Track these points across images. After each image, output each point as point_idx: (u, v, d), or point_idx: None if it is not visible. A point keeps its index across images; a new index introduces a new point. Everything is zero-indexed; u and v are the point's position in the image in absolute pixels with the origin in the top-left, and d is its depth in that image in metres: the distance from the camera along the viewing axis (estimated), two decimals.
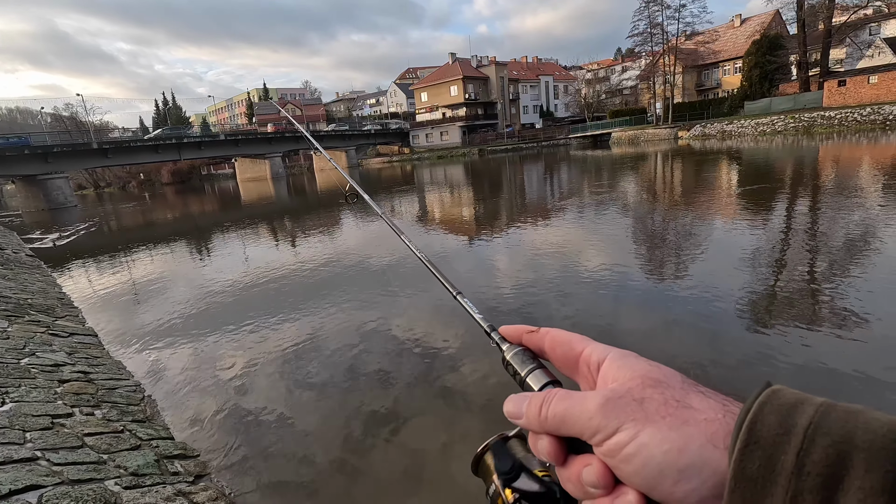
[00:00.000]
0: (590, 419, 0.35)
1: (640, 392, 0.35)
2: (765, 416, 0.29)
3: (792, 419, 0.28)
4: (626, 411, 0.34)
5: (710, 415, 0.32)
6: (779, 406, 0.29)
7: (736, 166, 18.97)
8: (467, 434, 3.33)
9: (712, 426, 0.31)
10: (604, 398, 0.35)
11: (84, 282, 9.32)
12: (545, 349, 0.46)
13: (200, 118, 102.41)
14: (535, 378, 0.44)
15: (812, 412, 0.28)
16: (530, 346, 0.47)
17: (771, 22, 50.96)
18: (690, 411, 0.33)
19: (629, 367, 0.38)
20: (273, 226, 16.13)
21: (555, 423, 0.38)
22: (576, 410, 0.36)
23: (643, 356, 0.38)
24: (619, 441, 0.33)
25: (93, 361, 4.79)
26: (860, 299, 4.74)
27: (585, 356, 0.42)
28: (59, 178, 36.23)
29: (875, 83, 34.32)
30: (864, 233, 7.21)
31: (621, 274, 6.43)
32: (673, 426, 0.32)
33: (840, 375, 3.54)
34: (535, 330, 0.48)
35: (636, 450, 0.32)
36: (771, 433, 0.28)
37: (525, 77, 70.99)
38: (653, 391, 0.35)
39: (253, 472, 3.10)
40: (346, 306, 6.21)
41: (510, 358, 0.47)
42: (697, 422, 0.32)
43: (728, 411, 0.32)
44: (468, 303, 0.61)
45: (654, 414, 0.33)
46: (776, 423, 0.28)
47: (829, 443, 0.26)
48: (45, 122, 71.40)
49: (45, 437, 2.93)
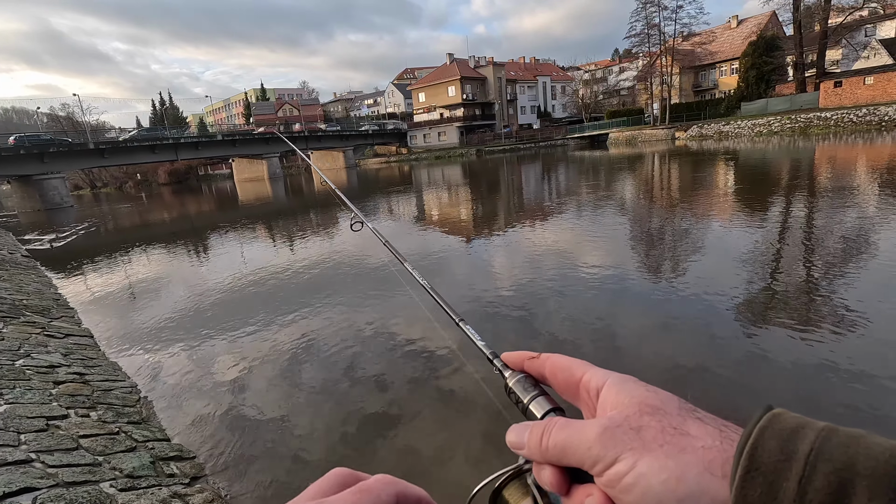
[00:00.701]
0: (589, 449, 0.35)
1: (637, 420, 0.35)
2: (765, 441, 0.28)
3: (793, 445, 0.28)
4: (624, 440, 0.34)
5: (707, 442, 0.32)
6: (780, 431, 0.29)
7: (733, 167, 19.02)
8: (465, 436, 3.33)
9: (710, 454, 0.31)
10: (602, 427, 0.35)
11: (80, 283, 9.28)
12: (546, 375, 0.46)
13: (198, 118, 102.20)
14: (537, 405, 0.44)
15: (813, 437, 0.27)
16: (532, 372, 0.47)
17: (767, 23, 51.16)
18: (688, 438, 0.33)
19: (627, 393, 0.37)
20: (270, 226, 16.10)
21: (556, 454, 0.38)
22: (575, 440, 0.36)
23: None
24: (618, 471, 0.33)
25: (88, 363, 4.76)
26: (857, 299, 4.76)
27: (585, 382, 0.42)
28: (55, 178, 36.08)
29: (871, 84, 34.48)
30: (860, 233, 7.24)
31: (618, 274, 6.44)
32: (670, 454, 0.32)
33: (837, 376, 3.55)
34: (536, 356, 0.48)
35: (635, 480, 0.32)
36: (772, 459, 0.28)
37: (523, 77, 71.09)
38: (650, 419, 0.34)
39: (249, 474, 3.09)
40: (343, 308, 6.20)
41: (512, 385, 0.47)
42: (695, 449, 0.32)
43: (725, 437, 0.32)
44: (471, 329, 0.61)
45: (651, 442, 0.33)
46: (777, 448, 0.28)
47: (831, 469, 0.25)
48: (41, 121, 71.08)
49: (39, 438, 2.92)
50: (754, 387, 3.57)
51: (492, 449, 3.12)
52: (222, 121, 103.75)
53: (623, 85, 66.54)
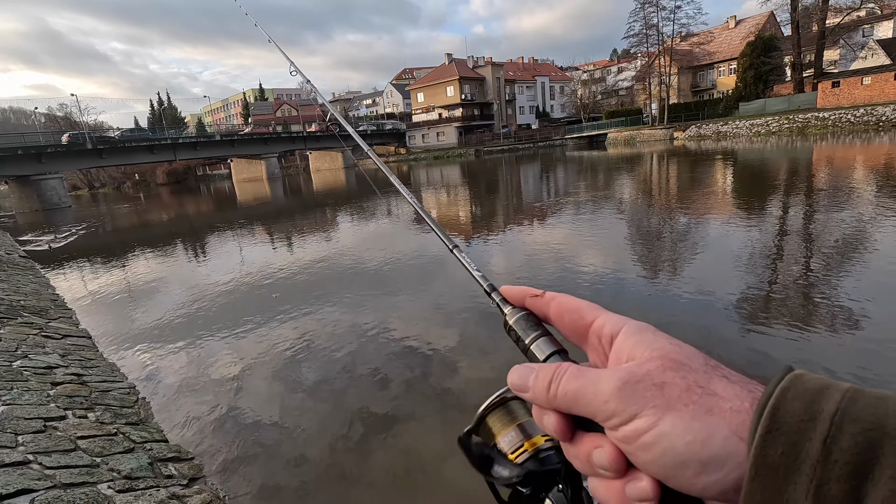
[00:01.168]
0: (605, 402, 0.33)
1: (660, 375, 0.33)
2: (788, 401, 0.27)
3: (818, 405, 0.26)
4: (646, 396, 0.32)
5: (735, 403, 0.30)
6: (803, 391, 0.28)
7: (731, 167, 19.05)
8: None
9: (738, 416, 0.30)
10: (621, 381, 0.33)
11: (78, 283, 9.26)
12: (550, 315, 0.43)
13: (196, 118, 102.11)
14: (539, 346, 0.41)
15: (839, 398, 0.26)
16: (534, 310, 0.44)
17: (765, 23, 51.22)
18: (715, 399, 0.31)
19: (647, 345, 0.35)
20: (269, 227, 16.08)
21: (565, 402, 0.35)
22: (589, 391, 0.34)
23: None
24: (637, 428, 0.31)
25: (86, 364, 4.76)
26: (856, 298, 4.77)
27: (597, 327, 0.39)
28: (53, 178, 36.01)
29: (868, 84, 34.56)
30: (858, 232, 7.25)
31: (617, 274, 6.45)
32: (696, 415, 0.30)
33: (837, 374, 3.55)
34: (539, 293, 0.44)
35: (656, 438, 0.31)
36: (795, 419, 0.27)
37: (521, 78, 71.11)
38: (674, 375, 0.32)
39: (248, 475, 3.08)
40: (342, 307, 6.20)
41: (513, 323, 0.44)
42: (723, 411, 0.30)
43: (755, 399, 0.30)
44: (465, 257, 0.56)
45: (676, 401, 0.31)
46: (801, 408, 0.27)
47: (859, 430, 0.24)
48: (39, 122, 70.98)
49: (37, 440, 2.91)
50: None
51: None
52: (221, 121, 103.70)
53: (621, 85, 66.60)
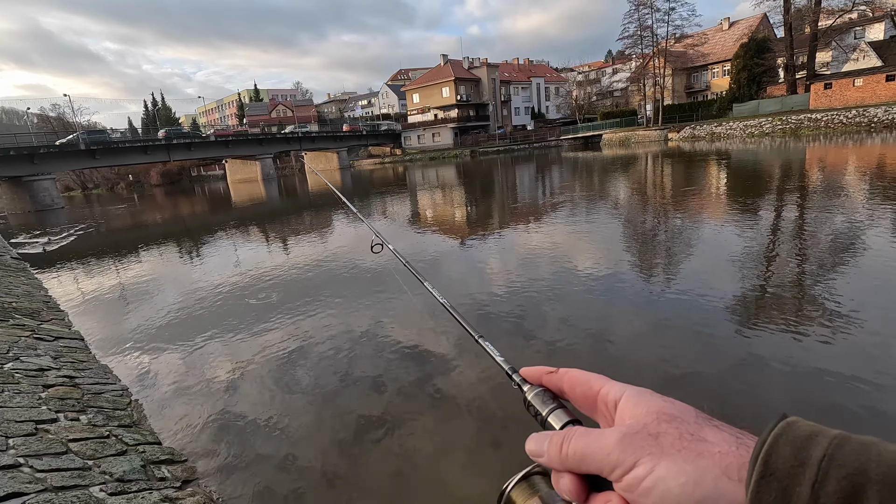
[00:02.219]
0: (608, 455, 0.36)
1: (655, 427, 0.36)
2: (780, 447, 0.29)
3: (806, 451, 0.28)
4: (643, 446, 0.35)
5: (724, 447, 0.33)
6: (794, 438, 0.29)
7: (725, 168, 19.16)
8: (458, 439, 3.33)
9: (727, 458, 0.32)
10: (621, 434, 0.36)
11: (71, 285, 9.19)
12: (564, 389, 0.47)
13: (190, 119, 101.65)
14: (555, 417, 0.45)
15: (826, 444, 0.28)
16: (550, 386, 0.49)
17: (758, 25, 51.59)
18: (705, 444, 0.33)
19: (645, 404, 0.38)
20: (264, 228, 16.03)
21: (575, 461, 0.39)
22: (595, 447, 0.37)
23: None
24: (637, 475, 0.34)
25: (79, 366, 4.72)
26: (850, 298, 4.80)
27: (603, 395, 0.43)
28: (45, 179, 35.71)
29: (860, 86, 34.87)
30: (851, 233, 7.31)
31: (613, 275, 6.47)
32: (688, 459, 0.33)
33: (830, 375, 3.58)
34: (553, 371, 0.49)
35: (653, 483, 0.33)
36: (786, 465, 0.28)
37: (516, 79, 71.23)
38: (668, 426, 0.35)
39: (241, 478, 3.07)
40: (336, 310, 6.19)
41: (531, 398, 0.48)
42: (712, 454, 0.32)
43: (741, 444, 0.33)
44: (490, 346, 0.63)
45: (669, 448, 0.34)
46: (791, 454, 0.29)
47: (844, 475, 0.26)
48: (31, 122, 70.40)
49: (28, 443, 2.88)
50: (750, 383, 3.60)
51: (489, 449, 3.12)
52: (215, 122, 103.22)
53: (616, 86, 66.86)
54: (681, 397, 0.36)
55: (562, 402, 0.47)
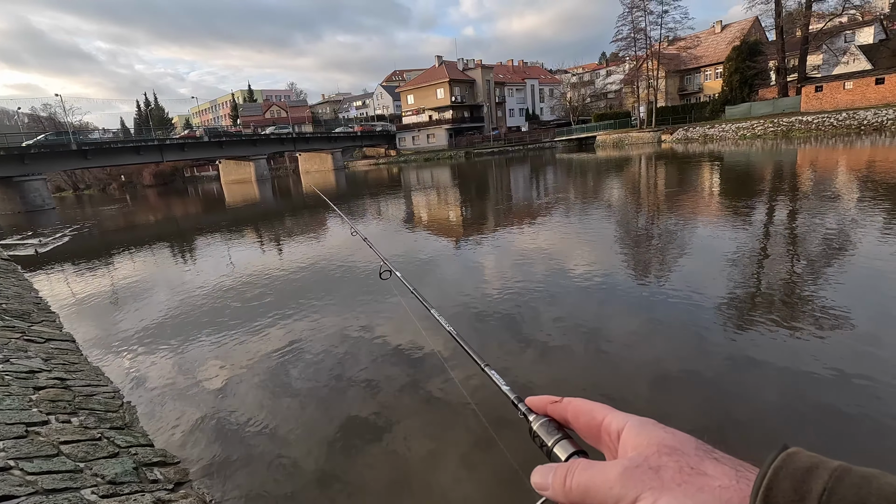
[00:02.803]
0: (610, 489, 0.36)
1: (656, 460, 0.36)
2: (780, 481, 0.29)
3: (807, 485, 0.28)
4: (644, 480, 0.35)
5: (723, 481, 0.33)
6: (794, 471, 0.29)
7: (718, 170, 19.31)
8: (453, 443, 3.33)
9: (726, 493, 0.32)
10: (622, 468, 0.37)
11: (62, 287, 9.11)
12: (569, 419, 0.47)
13: (184, 119, 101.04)
14: (561, 448, 0.46)
15: (826, 477, 0.28)
16: (555, 416, 0.49)
17: (750, 28, 52.08)
18: (705, 478, 0.33)
19: (646, 435, 0.39)
20: (257, 229, 15.96)
21: (578, 494, 0.39)
22: (597, 481, 0.38)
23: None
24: None
25: (70, 368, 4.68)
26: (840, 298, 4.86)
27: (606, 425, 0.43)
28: (36, 179, 35.39)
29: (850, 89, 35.27)
30: (841, 233, 7.39)
31: (606, 276, 6.50)
32: (688, 494, 0.33)
33: (820, 374, 3.62)
34: (558, 400, 0.49)
35: None
36: (786, 499, 0.28)
37: (511, 80, 71.44)
38: (668, 459, 0.36)
39: (234, 480, 3.06)
40: (330, 312, 6.18)
41: (537, 428, 0.49)
42: (712, 488, 0.32)
43: (741, 477, 0.33)
44: (495, 375, 0.64)
45: (669, 482, 0.34)
46: (791, 488, 0.28)
47: None
48: (22, 122, 69.70)
49: (18, 445, 2.86)
50: (743, 385, 3.63)
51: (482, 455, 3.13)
52: (209, 122, 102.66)
53: (610, 88, 67.19)
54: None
55: (567, 432, 0.47)
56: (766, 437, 3.05)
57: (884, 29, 42.89)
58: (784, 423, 3.17)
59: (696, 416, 3.35)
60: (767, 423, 3.17)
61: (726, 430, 3.16)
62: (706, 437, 0.38)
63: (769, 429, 3.11)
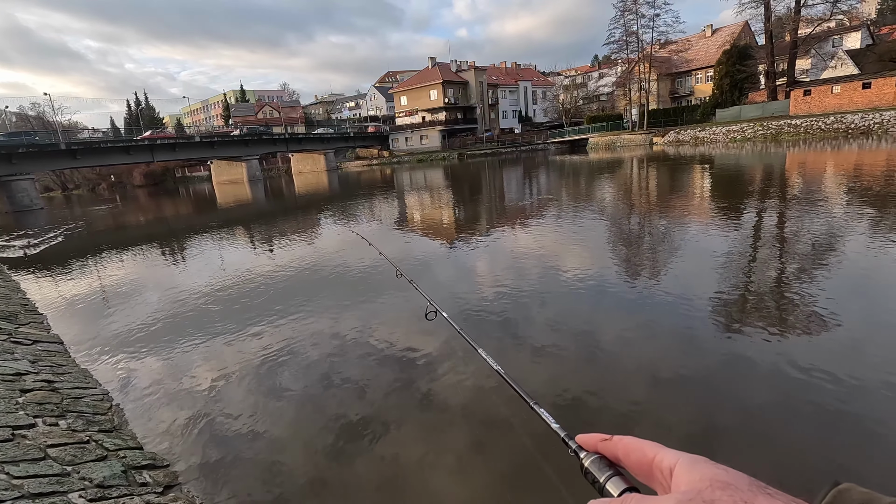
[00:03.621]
0: None
1: (709, 494, 0.36)
2: None
3: None
4: None
5: None
6: None
7: (709, 172, 19.49)
8: (447, 445, 3.33)
9: None
10: (676, 501, 0.37)
11: (50, 288, 8.99)
12: (619, 456, 0.48)
13: (175, 119, 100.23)
14: (613, 484, 0.46)
15: None
16: (605, 453, 0.50)
17: (741, 32, 52.68)
18: None
19: (699, 471, 0.39)
20: (249, 230, 15.86)
21: None
22: None
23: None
24: None
25: (58, 370, 4.62)
26: (833, 299, 4.92)
27: (657, 462, 0.43)
28: (24, 179, 34.93)
29: (838, 93, 35.78)
30: (832, 236, 7.49)
31: (599, 278, 6.53)
32: None
33: (817, 375, 3.66)
34: (608, 438, 0.50)
35: None
36: None
37: (504, 82, 71.66)
38: (722, 493, 0.36)
39: (224, 482, 3.03)
40: (323, 314, 6.15)
41: (588, 465, 0.50)
42: None
43: None
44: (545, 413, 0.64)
45: None
46: None
47: None
48: (10, 121, 68.70)
49: (4, 449, 2.82)
50: (737, 388, 3.67)
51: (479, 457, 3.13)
52: (200, 122, 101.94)
53: (602, 90, 67.59)
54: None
55: (618, 469, 0.48)
56: (759, 439, 3.08)
57: (871, 34, 43.63)
58: (778, 425, 3.20)
59: (692, 417, 3.38)
60: (759, 425, 3.20)
61: (720, 432, 3.19)
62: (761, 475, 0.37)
63: (760, 431, 3.15)
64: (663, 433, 3.17)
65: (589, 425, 1.16)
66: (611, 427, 3.16)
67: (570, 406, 3.57)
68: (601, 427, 0.51)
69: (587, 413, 3.48)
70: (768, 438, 3.06)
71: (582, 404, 3.59)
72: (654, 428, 3.23)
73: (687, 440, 3.09)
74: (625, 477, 0.47)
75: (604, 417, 3.40)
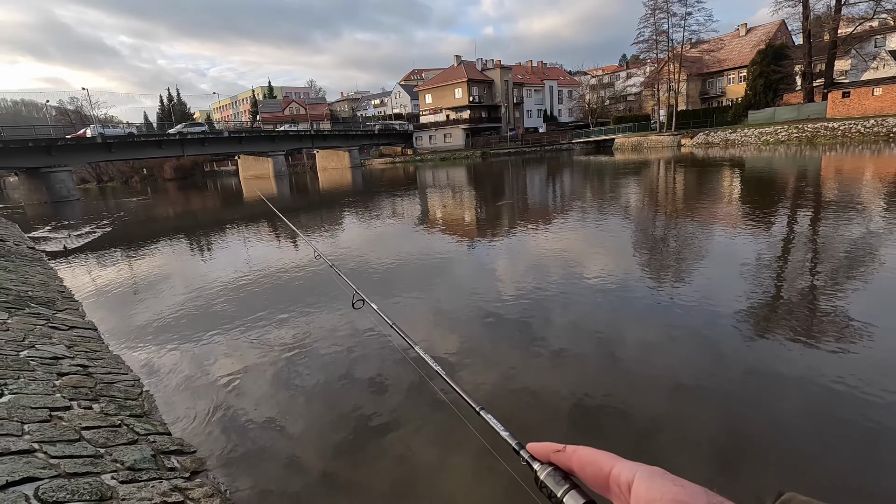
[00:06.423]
0: None
1: None
2: None
3: None
4: None
5: None
6: None
7: (739, 176, 18.97)
8: (462, 445, 3.33)
9: None
10: None
11: (85, 276, 9.33)
12: (574, 468, 0.47)
13: (205, 115, 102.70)
14: (571, 499, 0.45)
15: None
16: (559, 464, 0.48)
17: (776, 32, 51.03)
18: None
19: (657, 489, 0.40)
20: (275, 224, 16.15)
21: None
22: None
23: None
24: None
25: (92, 355, 4.80)
26: (864, 312, 4.74)
27: (615, 475, 0.43)
28: (62, 171, 36.34)
29: (879, 95, 34.34)
30: (866, 245, 7.21)
31: (623, 282, 6.44)
32: None
33: (840, 389, 3.54)
34: (561, 448, 0.49)
35: None
36: None
37: (529, 81, 71.10)
38: None
39: (248, 471, 3.10)
40: (350, 308, 6.22)
41: (544, 478, 0.48)
42: None
43: None
44: (493, 419, 0.62)
45: None
46: None
47: None
48: (49, 115, 71.57)
49: (42, 429, 2.94)
50: (764, 399, 3.57)
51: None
52: (229, 118, 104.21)
53: (630, 91, 66.47)
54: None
55: (574, 481, 0.47)
56: (791, 457, 2.99)
57: None
58: (805, 440, 3.10)
59: (712, 429, 3.30)
60: (786, 440, 3.11)
61: (743, 445, 3.11)
62: (715, 487, 0.38)
63: (787, 447, 3.05)
64: (690, 447, 3.10)
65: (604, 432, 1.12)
66: (626, 436, 3.12)
67: (594, 412, 3.53)
68: (623, 436, 0.51)
69: (607, 421, 3.43)
70: (802, 456, 2.96)
71: (602, 411, 3.54)
72: (675, 441, 3.16)
73: (713, 455, 3.02)
74: (582, 490, 0.46)
75: (625, 428, 3.35)
